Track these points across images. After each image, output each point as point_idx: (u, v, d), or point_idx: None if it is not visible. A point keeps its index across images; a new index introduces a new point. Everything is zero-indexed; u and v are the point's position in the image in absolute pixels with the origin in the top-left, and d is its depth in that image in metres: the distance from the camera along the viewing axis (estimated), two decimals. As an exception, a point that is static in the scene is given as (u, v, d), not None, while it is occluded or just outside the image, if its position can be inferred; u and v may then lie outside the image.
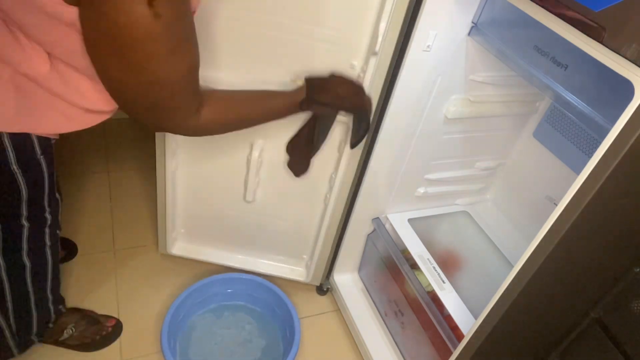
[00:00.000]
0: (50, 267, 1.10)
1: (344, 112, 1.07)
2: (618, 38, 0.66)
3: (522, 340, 1.00)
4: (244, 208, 1.36)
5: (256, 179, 1.28)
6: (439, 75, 1.11)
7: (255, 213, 1.37)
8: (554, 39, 0.79)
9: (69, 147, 1.85)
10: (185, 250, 1.46)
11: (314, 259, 1.42)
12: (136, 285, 1.46)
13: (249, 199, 1.32)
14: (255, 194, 1.32)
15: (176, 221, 1.40)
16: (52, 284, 1.14)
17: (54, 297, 1.17)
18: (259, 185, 1.31)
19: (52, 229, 1.05)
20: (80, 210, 1.64)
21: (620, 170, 0.66)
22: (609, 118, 0.80)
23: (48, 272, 1.11)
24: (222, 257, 1.47)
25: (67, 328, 1.25)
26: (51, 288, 1.14)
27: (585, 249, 0.81)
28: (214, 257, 1.47)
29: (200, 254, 1.46)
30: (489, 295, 0.88)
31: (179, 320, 1.33)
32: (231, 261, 1.47)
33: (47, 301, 1.16)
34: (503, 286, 0.84)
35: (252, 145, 1.22)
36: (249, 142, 1.22)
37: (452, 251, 1.36)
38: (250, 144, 1.22)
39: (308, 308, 1.50)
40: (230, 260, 1.47)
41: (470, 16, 1.04)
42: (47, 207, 1.00)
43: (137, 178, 1.81)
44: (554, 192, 1.31)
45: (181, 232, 1.44)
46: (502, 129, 1.34)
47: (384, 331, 1.41)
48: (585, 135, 1.20)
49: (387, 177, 1.28)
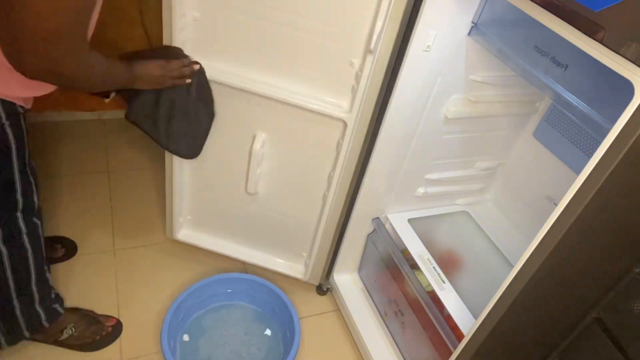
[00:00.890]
0: (31, 258, 1.07)
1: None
2: (618, 38, 0.66)
3: (522, 340, 1.00)
4: (246, 200, 1.38)
5: (258, 171, 1.29)
6: (439, 75, 1.11)
7: (256, 206, 1.39)
8: (554, 39, 0.79)
9: (69, 147, 1.85)
10: (190, 236, 1.50)
11: (313, 257, 1.42)
12: (136, 285, 1.46)
13: (251, 191, 1.34)
14: (257, 187, 1.34)
15: (183, 207, 1.43)
16: (37, 278, 1.11)
17: (42, 293, 1.15)
18: (261, 178, 1.32)
19: (26, 214, 1.02)
20: (80, 210, 1.64)
21: (620, 170, 0.66)
22: (609, 118, 0.80)
23: (29, 264, 1.08)
24: (224, 247, 1.50)
25: (66, 328, 1.25)
26: (36, 282, 1.12)
27: (585, 249, 0.81)
28: (217, 246, 1.50)
29: (203, 242, 1.49)
30: (489, 295, 0.88)
31: (179, 320, 1.33)
32: (233, 252, 1.50)
33: (31, 295, 1.13)
34: (503, 286, 0.84)
35: (254, 137, 1.24)
36: (252, 134, 1.24)
37: (452, 251, 1.36)
38: (252, 136, 1.24)
39: (308, 308, 1.50)
40: (231, 251, 1.50)
41: (470, 16, 1.04)
42: (18, 186, 0.97)
43: (137, 178, 1.81)
44: (554, 192, 1.31)
45: (188, 218, 1.48)
46: (502, 129, 1.34)
47: (384, 331, 1.41)
48: (585, 135, 1.20)
49: (387, 177, 1.28)
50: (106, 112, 2.00)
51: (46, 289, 1.18)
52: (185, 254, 1.57)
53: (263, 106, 1.18)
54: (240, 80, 1.14)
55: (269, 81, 1.14)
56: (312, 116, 1.16)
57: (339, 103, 1.14)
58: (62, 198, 1.67)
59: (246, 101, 1.18)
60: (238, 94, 1.17)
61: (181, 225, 1.48)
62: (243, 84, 1.14)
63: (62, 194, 1.68)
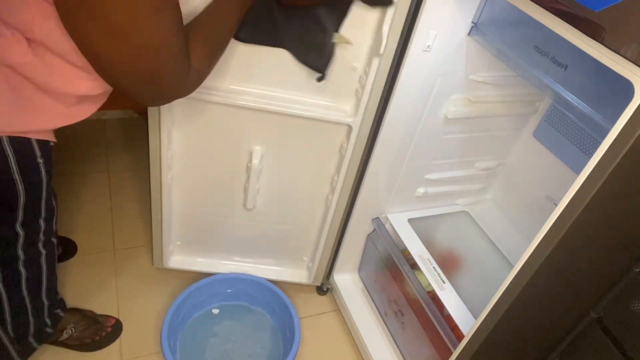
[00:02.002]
0: (45, 275, 1.08)
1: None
2: (618, 38, 0.66)
3: (522, 340, 1.00)
4: (244, 216, 1.35)
5: (256, 186, 1.27)
6: (439, 75, 1.11)
7: (256, 220, 1.36)
8: (554, 39, 0.79)
9: (69, 147, 1.85)
10: (182, 263, 1.43)
11: (316, 260, 1.42)
12: (136, 285, 1.46)
13: (249, 207, 1.31)
14: (256, 201, 1.31)
15: (172, 234, 1.37)
16: (47, 289, 1.12)
17: (50, 301, 1.15)
18: (259, 192, 1.29)
19: (47, 236, 1.03)
20: (80, 210, 1.64)
21: (620, 170, 0.66)
22: (609, 118, 0.80)
23: (43, 280, 1.09)
24: (220, 266, 1.44)
25: (66, 328, 1.25)
26: (46, 293, 1.12)
27: (585, 249, 0.81)
28: (212, 267, 1.43)
29: (197, 265, 1.43)
30: (489, 295, 0.88)
31: (179, 320, 1.33)
32: (230, 269, 1.44)
33: (42, 306, 1.14)
34: (503, 286, 0.84)
35: (251, 153, 1.21)
36: (248, 150, 1.21)
37: (452, 251, 1.36)
38: (249, 152, 1.21)
39: (308, 308, 1.50)
40: (229, 268, 1.44)
41: (470, 16, 1.04)
42: (43, 213, 0.98)
43: (136, 178, 1.81)
44: (554, 192, 1.31)
45: (177, 244, 1.41)
46: (502, 129, 1.34)
47: (384, 331, 1.41)
48: (585, 135, 1.20)
49: (387, 177, 1.28)
50: (106, 112, 2.00)
51: (53, 295, 1.17)
52: (185, 254, 1.57)
53: (260, 120, 1.14)
54: (236, 98, 1.08)
55: (266, 93, 1.10)
56: (313, 124, 1.13)
57: (342, 108, 1.13)
58: (62, 198, 1.66)
59: (242, 118, 1.13)
60: (234, 111, 1.11)
61: (171, 253, 1.41)
62: (238, 101, 1.08)
63: (62, 194, 1.68)
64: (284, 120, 1.13)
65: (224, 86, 1.08)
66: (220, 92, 1.07)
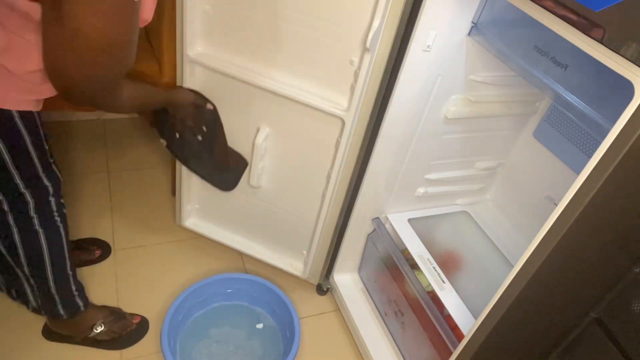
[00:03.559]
0: (64, 239, 1.12)
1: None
2: (618, 38, 0.66)
3: (522, 341, 1.00)
4: (249, 193, 1.40)
5: (261, 164, 1.31)
6: (439, 75, 1.11)
7: (260, 199, 1.41)
8: (554, 39, 0.79)
9: (69, 147, 1.85)
10: (196, 225, 1.55)
11: (312, 255, 1.42)
12: (136, 285, 1.46)
13: (254, 184, 1.35)
14: (260, 180, 1.35)
15: (191, 196, 1.48)
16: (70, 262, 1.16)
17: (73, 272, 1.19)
18: (264, 172, 1.34)
19: (56, 198, 1.07)
20: (80, 210, 1.64)
21: (620, 170, 0.66)
22: (609, 118, 0.80)
23: (63, 244, 1.12)
24: (228, 238, 1.53)
25: (96, 324, 1.26)
26: (70, 266, 1.16)
27: (585, 249, 0.81)
28: (221, 237, 1.53)
29: (208, 231, 1.54)
30: (489, 295, 0.88)
31: (179, 320, 1.33)
32: (234, 243, 1.52)
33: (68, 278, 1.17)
34: (503, 286, 0.84)
35: (258, 130, 1.26)
36: (256, 127, 1.26)
37: (452, 251, 1.36)
38: (257, 128, 1.26)
39: (308, 308, 1.50)
40: (235, 243, 1.52)
41: (471, 16, 1.04)
42: (44, 177, 1.01)
43: (137, 178, 1.81)
44: (554, 192, 1.31)
45: (195, 207, 1.53)
46: (502, 129, 1.34)
47: (384, 331, 1.41)
48: (585, 135, 1.20)
49: (387, 177, 1.28)
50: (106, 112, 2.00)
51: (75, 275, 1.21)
52: (185, 255, 1.57)
53: (267, 100, 1.19)
54: (245, 73, 1.16)
55: (273, 75, 1.16)
56: (313, 113, 1.16)
57: (339, 101, 1.14)
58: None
59: (251, 94, 1.20)
60: (243, 87, 1.19)
61: (189, 214, 1.52)
62: (247, 77, 1.16)
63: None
64: (289, 105, 1.18)
65: (242, 62, 1.17)
66: (239, 67, 1.17)
